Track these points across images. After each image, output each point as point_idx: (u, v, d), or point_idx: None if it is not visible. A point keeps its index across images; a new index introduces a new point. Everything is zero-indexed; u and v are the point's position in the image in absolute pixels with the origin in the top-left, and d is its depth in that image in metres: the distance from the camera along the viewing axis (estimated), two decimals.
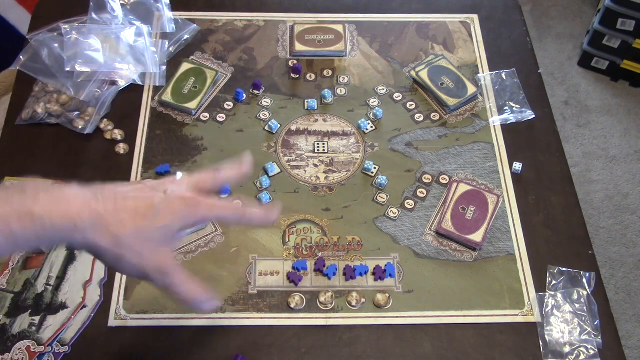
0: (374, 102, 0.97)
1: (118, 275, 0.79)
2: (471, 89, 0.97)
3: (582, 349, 0.75)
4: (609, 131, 1.88)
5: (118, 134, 0.91)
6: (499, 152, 0.92)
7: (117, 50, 0.98)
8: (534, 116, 0.95)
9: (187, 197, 0.52)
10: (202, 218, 0.54)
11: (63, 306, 0.76)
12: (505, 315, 0.77)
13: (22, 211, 0.46)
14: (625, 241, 1.66)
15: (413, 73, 0.99)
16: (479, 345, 0.75)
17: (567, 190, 0.89)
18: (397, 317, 0.77)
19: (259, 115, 0.95)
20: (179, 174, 0.53)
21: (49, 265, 0.79)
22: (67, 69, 0.95)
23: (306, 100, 0.97)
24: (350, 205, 0.86)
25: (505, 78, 1.00)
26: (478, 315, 0.77)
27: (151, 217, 0.50)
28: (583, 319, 0.77)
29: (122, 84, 0.96)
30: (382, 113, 0.95)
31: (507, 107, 0.97)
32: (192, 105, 0.94)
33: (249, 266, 0.80)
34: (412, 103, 0.97)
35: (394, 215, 0.85)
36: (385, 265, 0.80)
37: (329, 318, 0.77)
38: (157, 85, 0.98)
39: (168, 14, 1.04)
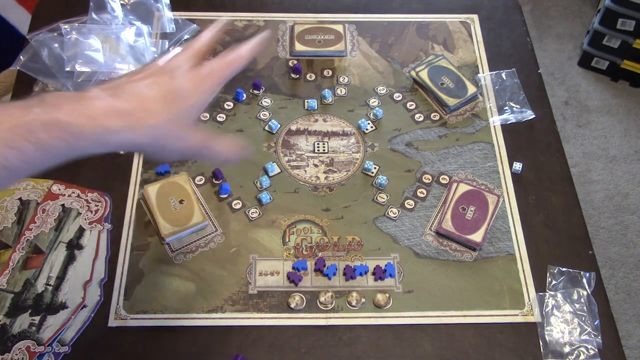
0: (374, 102, 0.97)
1: (118, 275, 0.79)
2: (471, 89, 0.97)
3: (582, 349, 0.75)
4: (609, 131, 1.88)
5: None
6: (499, 152, 0.92)
7: (117, 50, 0.98)
8: (534, 116, 0.95)
9: (200, 72, 0.52)
10: (219, 82, 0.53)
11: (63, 306, 0.76)
12: (505, 315, 0.77)
13: (47, 119, 0.44)
14: (625, 241, 1.66)
15: (413, 73, 0.99)
16: (479, 345, 0.75)
17: (567, 190, 0.89)
18: (397, 317, 0.77)
19: (259, 115, 0.95)
20: (175, 50, 0.52)
21: (49, 265, 0.79)
22: (67, 69, 0.95)
23: (306, 100, 0.97)
24: (350, 205, 0.86)
25: (505, 78, 1.00)
26: (478, 315, 0.77)
27: (178, 99, 0.49)
28: (583, 319, 0.77)
29: None
30: (382, 113, 0.95)
31: (507, 107, 0.97)
32: None
33: (249, 266, 0.80)
34: (412, 103, 0.97)
35: (394, 215, 0.85)
36: (385, 265, 0.80)
37: (329, 318, 0.77)
38: None
39: (168, 14, 1.04)
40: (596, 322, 0.76)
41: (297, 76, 1.00)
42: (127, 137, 0.47)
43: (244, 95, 0.97)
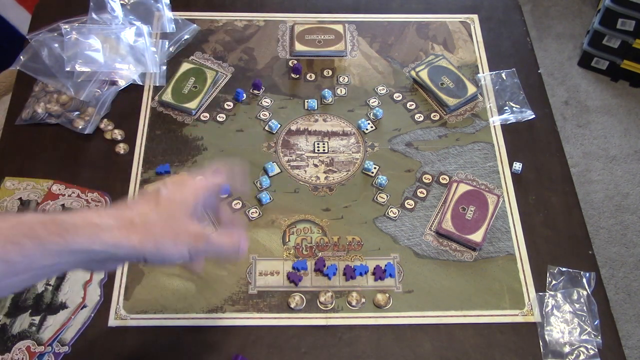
0: (374, 102, 0.97)
1: (118, 275, 0.79)
2: (471, 89, 0.97)
3: (582, 349, 0.75)
4: (609, 131, 1.88)
5: (118, 134, 0.91)
6: (499, 152, 0.92)
7: (117, 50, 0.98)
8: (534, 116, 0.95)
9: (181, 179, 0.56)
10: (201, 191, 0.56)
11: (63, 306, 0.76)
12: (505, 315, 0.77)
13: (45, 218, 0.48)
14: (625, 241, 1.66)
15: (413, 73, 0.99)
16: (479, 345, 0.75)
17: (567, 190, 0.89)
18: (397, 317, 0.77)
19: (259, 115, 0.95)
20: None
21: None
22: (67, 69, 0.95)
23: (306, 100, 0.97)
24: (350, 205, 0.86)
25: (505, 78, 1.00)
26: (478, 315, 0.77)
27: (164, 201, 0.52)
28: (583, 319, 0.77)
29: (122, 84, 0.96)
30: (382, 113, 0.95)
31: (507, 107, 0.97)
32: (192, 105, 0.94)
33: (249, 266, 0.80)
34: (412, 103, 0.97)
35: (394, 215, 0.85)
36: (385, 265, 0.80)
37: (329, 318, 0.77)
38: (157, 85, 0.98)
39: (168, 14, 1.04)
40: (596, 322, 0.76)
41: (297, 76, 1.00)
42: (122, 235, 0.49)
43: (244, 95, 0.97)
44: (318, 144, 0.92)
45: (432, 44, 1.05)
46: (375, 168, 0.90)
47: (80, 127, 0.91)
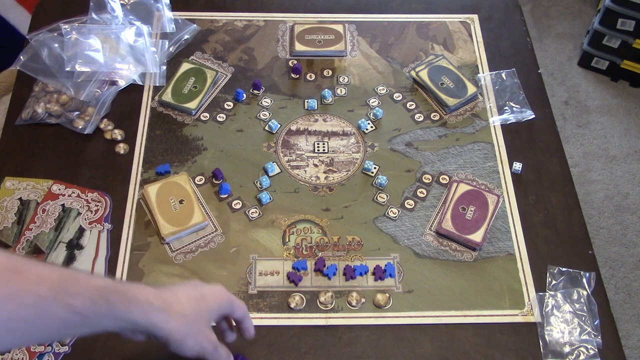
0: (374, 102, 0.97)
1: (118, 275, 0.79)
2: (471, 89, 0.97)
3: (582, 348, 0.75)
4: (609, 131, 1.88)
5: (118, 134, 0.91)
6: (499, 152, 0.92)
7: (117, 50, 0.98)
8: (534, 116, 0.95)
9: (219, 288, 0.64)
10: (231, 307, 0.64)
11: None
12: (505, 315, 0.77)
13: (117, 287, 0.54)
14: (625, 241, 1.66)
15: (413, 73, 0.99)
16: (479, 345, 0.75)
17: (567, 190, 0.89)
18: (397, 317, 0.77)
19: (259, 115, 0.95)
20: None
21: None
22: (67, 69, 0.95)
23: (306, 100, 0.97)
24: (350, 205, 0.86)
25: (505, 78, 1.00)
26: (478, 315, 0.77)
27: (203, 302, 0.60)
28: (583, 319, 0.77)
29: (122, 84, 0.96)
30: (382, 113, 0.95)
31: (507, 107, 0.97)
32: (192, 105, 0.94)
33: (249, 266, 0.80)
34: (412, 103, 0.97)
35: (394, 215, 0.85)
36: (385, 265, 0.80)
37: (329, 318, 0.77)
38: (157, 85, 0.98)
39: (168, 14, 1.04)
40: (596, 322, 0.76)
41: (297, 76, 1.00)
42: (159, 318, 0.55)
43: (244, 95, 0.97)
44: (318, 144, 0.92)
45: (432, 44, 1.05)
46: (375, 168, 0.90)
47: (80, 127, 0.91)
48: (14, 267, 0.48)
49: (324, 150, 0.91)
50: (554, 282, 0.80)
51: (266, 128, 0.93)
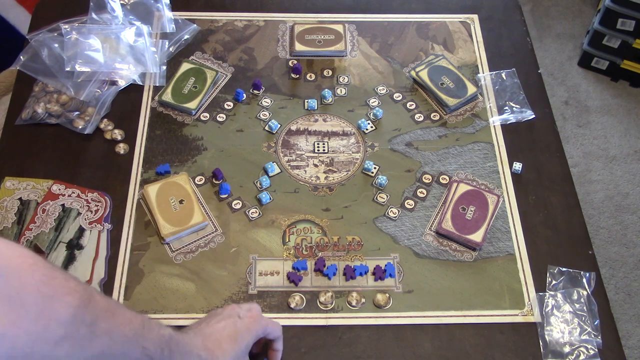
0: (374, 102, 0.97)
1: (118, 275, 0.79)
2: (471, 89, 0.97)
3: (582, 349, 0.75)
4: (609, 131, 1.88)
5: (118, 134, 0.91)
6: (499, 152, 0.92)
7: (117, 50, 0.98)
8: (534, 116, 0.95)
9: (254, 315, 0.67)
10: (266, 332, 0.67)
11: None
12: (505, 315, 0.77)
13: (177, 338, 0.59)
14: (625, 241, 1.66)
15: (413, 73, 0.99)
16: (479, 345, 0.75)
17: (567, 190, 0.89)
18: (397, 317, 0.77)
19: (259, 115, 0.95)
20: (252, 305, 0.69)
21: None
22: (67, 69, 0.95)
23: (306, 100, 0.97)
24: (350, 205, 0.86)
25: (505, 78, 1.00)
26: (478, 315, 0.77)
27: (239, 340, 0.64)
28: (583, 319, 0.77)
29: (122, 84, 0.96)
30: (382, 113, 0.95)
31: (507, 107, 0.97)
32: (192, 105, 0.94)
33: (249, 266, 0.80)
34: (412, 103, 0.97)
35: (394, 215, 0.85)
36: (385, 265, 0.80)
37: (329, 318, 0.77)
38: (157, 85, 0.98)
39: (168, 14, 1.04)
40: (596, 322, 0.76)
41: (297, 76, 1.00)
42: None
43: (244, 95, 0.97)
44: (318, 144, 0.92)
45: (432, 44, 1.05)
46: (375, 168, 0.90)
47: (80, 127, 0.91)
48: (110, 309, 0.52)
49: (324, 150, 0.91)
50: (554, 282, 0.80)
51: (266, 128, 0.93)
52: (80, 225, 0.83)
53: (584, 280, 0.80)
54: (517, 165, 0.90)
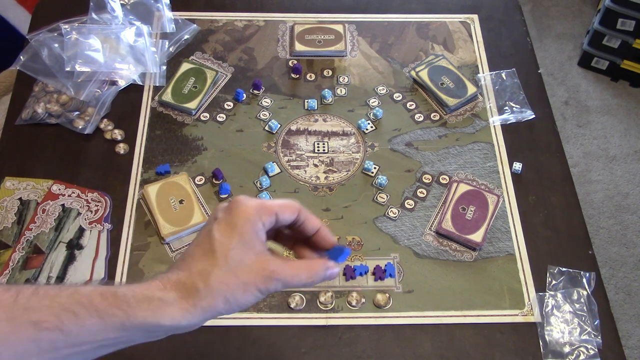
0: (374, 102, 0.97)
1: (118, 275, 0.79)
2: (471, 89, 0.97)
3: (582, 349, 0.75)
4: (609, 131, 1.88)
5: (118, 134, 0.91)
6: (499, 152, 0.92)
7: (117, 50, 0.98)
8: (534, 116, 0.95)
9: (239, 206, 0.48)
10: (270, 212, 0.49)
11: None
12: (505, 315, 0.77)
13: (104, 289, 0.45)
14: (625, 241, 1.66)
15: (413, 73, 0.99)
16: (479, 345, 0.75)
17: (567, 190, 0.89)
18: (397, 317, 0.77)
19: (259, 115, 0.95)
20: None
21: (49, 265, 0.79)
22: (67, 69, 0.95)
23: (306, 100, 0.97)
24: (350, 205, 0.86)
25: (505, 78, 1.00)
26: (478, 315, 0.77)
27: (219, 246, 0.46)
28: (583, 319, 0.77)
29: (122, 84, 0.96)
30: (382, 113, 0.95)
31: (507, 107, 0.97)
32: (192, 105, 0.94)
33: None
34: (412, 103, 0.97)
35: (394, 215, 0.85)
36: (385, 265, 0.80)
37: (329, 318, 0.77)
38: (157, 85, 0.98)
39: (168, 14, 1.04)
40: (596, 322, 0.76)
41: (297, 76, 1.00)
42: (188, 306, 0.45)
43: (244, 95, 0.97)
44: (318, 144, 0.92)
45: (432, 44, 1.05)
46: (375, 168, 0.90)
47: (80, 127, 0.91)
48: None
49: (324, 150, 0.91)
50: (554, 282, 0.80)
51: (266, 128, 0.93)
52: (80, 225, 0.83)
53: (584, 280, 0.80)
54: (517, 165, 0.90)
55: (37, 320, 0.42)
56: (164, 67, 0.99)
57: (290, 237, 0.54)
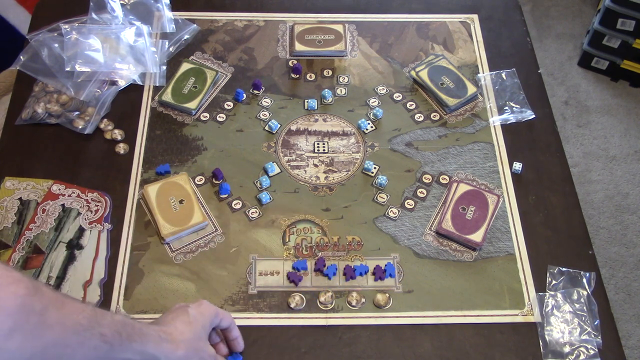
0: (374, 102, 0.97)
1: (118, 275, 0.79)
2: (471, 89, 0.97)
3: (582, 349, 0.75)
4: (609, 131, 1.88)
5: (118, 134, 0.91)
6: (499, 152, 0.92)
7: (117, 50, 0.98)
8: (534, 116, 0.95)
9: (203, 303, 0.69)
10: (218, 318, 0.69)
11: None
12: (505, 315, 0.77)
13: (128, 322, 0.59)
14: (625, 241, 1.66)
15: (413, 73, 0.99)
16: (479, 345, 0.75)
17: (567, 190, 0.89)
18: (397, 317, 0.77)
19: (259, 115, 0.95)
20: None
21: (49, 265, 0.79)
22: (67, 69, 0.95)
23: (306, 100, 0.97)
24: (350, 205, 0.86)
25: (505, 78, 1.00)
26: (478, 315, 0.77)
27: (195, 323, 0.65)
28: (583, 319, 0.77)
29: (122, 84, 0.96)
30: (382, 113, 0.95)
31: (507, 107, 0.97)
32: (192, 105, 0.94)
33: (249, 266, 0.80)
34: (412, 103, 0.97)
35: (394, 215, 0.85)
36: (385, 265, 0.80)
37: (329, 318, 0.77)
38: (157, 85, 0.98)
39: (168, 14, 1.04)
40: (596, 322, 0.76)
41: (297, 76, 1.00)
42: (173, 348, 0.61)
43: (244, 95, 0.97)
44: (318, 144, 0.92)
45: (432, 44, 1.05)
46: (375, 168, 0.90)
47: (80, 127, 0.91)
48: (59, 299, 0.52)
49: (324, 150, 0.91)
50: (554, 282, 0.80)
51: (266, 128, 0.93)
52: (80, 225, 0.83)
53: (584, 280, 0.80)
54: (517, 165, 0.90)
55: (103, 333, 0.54)
56: (164, 67, 0.99)
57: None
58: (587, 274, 0.80)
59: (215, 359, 0.68)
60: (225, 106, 0.96)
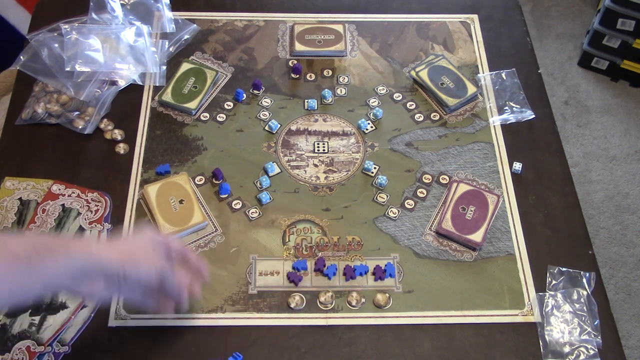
0: (374, 102, 0.97)
1: None
2: (471, 89, 0.97)
3: (582, 349, 0.75)
4: (609, 131, 1.88)
5: (118, 134, 0.91)
6: (499, 152, 0.92)
7: (117, 50, 0.98)
8: (534, 116, 0.95)
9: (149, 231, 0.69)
10: (164, 242, 0.67)
11: (63, 306, 0.76)
12: (505, 315, 0.77)
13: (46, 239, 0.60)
14: (625, 241, 1.66)
15: (413, 73, 0.99)
16: (479, 345, 0.75)
17: (567, 190, 0.89)
18: (397, 317, 0.77)
19: (259, 115, 0.95)
20: None
21: None
22: (67, 69, 0.95)
23: (306, 100, 0.97)
24: (350, 205, 0.86)
25: (505, 78, 1.00)
26: (478, 315, 0.77)
27: (138, 240, 0.66)
28: (583, 319, 0.77)
29: (122, 84, 0.96)
30: (382, 113, 0.95)
31: (507, 107, 0.97)
32: (192, 105, 0.94)
33: (249, 266, 0.80)
34: (412, 103, 0.97)
35: (394, 215, 0.85)
36: (385, 265, 0.80)
37: (329, 318, 0.77)
38: (157, 85, 0.98)
39: (168, 14, 1.04)
40: (596, 322, 0.76)
41: (297, 76, 1.00)
42: (109, 252, 0.60)
43: (244, 95, 0.97)
44: (318, 144, 0.92)
45: (432, 44, 1.05)
46: (375, 168, 0.90)
47: (80, 127, 0.91)
48: None
49: (324, 150, 0.91)
50: (554, 282, 0.80)
51: (266, 128, 0.93)
52: (80, 225, 0.83)
53: (584, 280, 0.80)
54: (517, 165, 0.90)
55: (15, 252, 0.54)
56: (164, 67, 0.99)
57: None
58: (587, 274, 0.80)
59: (166, 268, 0.65)
60: (225, 106, 0.96)
